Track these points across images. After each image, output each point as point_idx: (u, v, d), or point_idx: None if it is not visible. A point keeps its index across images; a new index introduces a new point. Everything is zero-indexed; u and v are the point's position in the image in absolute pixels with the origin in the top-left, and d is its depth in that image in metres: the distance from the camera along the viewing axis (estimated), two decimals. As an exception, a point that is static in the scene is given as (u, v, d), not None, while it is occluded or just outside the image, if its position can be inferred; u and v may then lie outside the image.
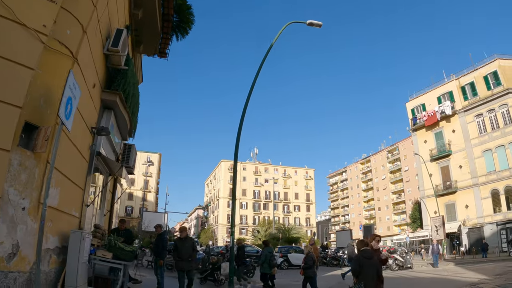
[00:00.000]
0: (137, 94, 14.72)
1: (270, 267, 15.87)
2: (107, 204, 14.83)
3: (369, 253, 8.48)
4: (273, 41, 19.61)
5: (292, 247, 38.73)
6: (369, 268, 8.26)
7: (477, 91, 52.21)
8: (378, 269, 8.52)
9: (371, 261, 8.35)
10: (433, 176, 53.26)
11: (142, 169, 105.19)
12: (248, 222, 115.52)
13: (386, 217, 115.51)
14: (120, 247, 10.01)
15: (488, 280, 17.75)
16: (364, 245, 8.78)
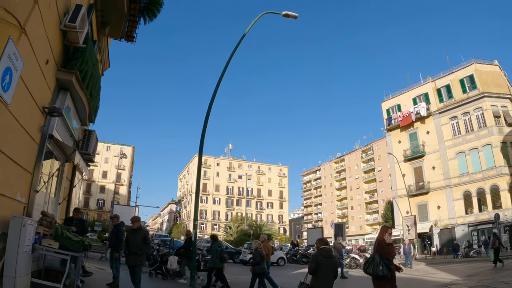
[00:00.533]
0: (98, 76, 13.98)
1: (221, 261, 15.42)
2: (63, 192, 13.91)
3: (328, 252, 8.32)
4: (246, 31, 19.01)
5: None
6: (326, 267, 8.11)
7: (452, 93, 52.79)
8: (336, 268, 8.43)
9: (329, 260, 8.21)
10: (406, 176, 53.67)
11: (114, 161, 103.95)
12: (221, 218, 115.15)
13: (358, 216, 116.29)
14: (68, 236, 9.35)
15: (460, 281, 17.68)
16: (324, 243, 8.58)
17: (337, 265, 8.59)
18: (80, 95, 11.41)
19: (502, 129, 47.44)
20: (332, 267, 8.20)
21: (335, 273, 8.26)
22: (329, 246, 8.56)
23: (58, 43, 9.78)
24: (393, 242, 8.56)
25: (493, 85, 49.96)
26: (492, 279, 16.52)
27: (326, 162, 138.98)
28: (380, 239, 8.71)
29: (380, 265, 8.23)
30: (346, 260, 27.87)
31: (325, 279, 8.05)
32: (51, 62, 9.33)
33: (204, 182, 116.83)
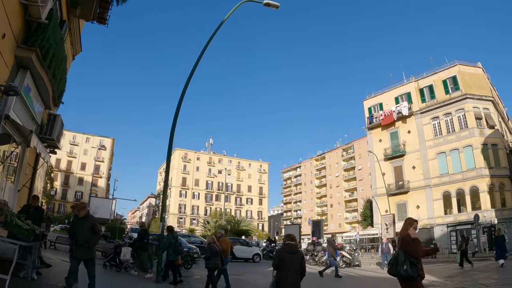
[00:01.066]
0: (63, 57, 13.11)
1: (175, 253, 14.92)
2: (23, 179, 13.07)
3: (292, 248, 8.04)
4: (224, 19, 18.11)
5: (238, 239, 37.55)
6: (290, 262, 7.85)
7: (435, 94, 52.84)
8: (301, 265, 7.97)
9: (293, 256, 7.92)
10: (386, 175, 53.49)
11: (93, 153, 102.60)
12: (200, 213, 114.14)
13: (338, 214, 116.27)
14: (17, 224, 8.66)
15: (439, 282, 17.30)
16: (290, 239, 8.29)
17: (303, 261, 8.01)
18: (41, 74, 10.67)
19: (483, 131, 47.63)
20: (296, 263, 7.88)
21: (301, 269, 7.89)
22: (295, 242, 8.22)
23: (18, 18, 9.13)
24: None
25: (476, 87, 50.11)
26: (472, 281, 16.15)
27: (306, 159, 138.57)
28: (404, 234, 7.62)
29: (404, 264, 7.17)
30: (323, 258, 27.41)
31: (289, 275, 7.81)
32: (9, 37, 8.61)
33: (183, 176, 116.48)
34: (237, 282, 16.80)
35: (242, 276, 19.40)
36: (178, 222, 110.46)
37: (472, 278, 17.46)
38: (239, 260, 30.36)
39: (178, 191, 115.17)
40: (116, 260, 17.23)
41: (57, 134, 14.55)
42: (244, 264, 28.21)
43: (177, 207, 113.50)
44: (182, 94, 16.96)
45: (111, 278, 15.25)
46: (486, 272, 20.05)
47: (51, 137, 13.87)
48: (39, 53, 9.88)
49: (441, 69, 53.49)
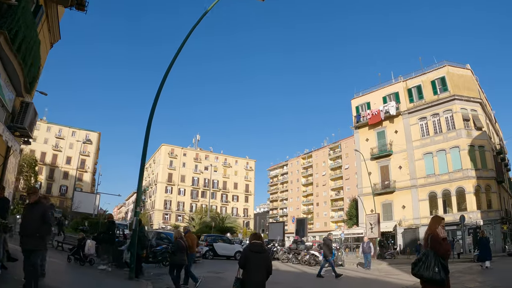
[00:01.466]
0: (35, 41, 12.46)
1: (141, 247, 14.66)
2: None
3: (258, 247, 7.92)
4: (208, 9, 17.36)
5: (220, 236, 36.66)
6: (256, 261, 7.74)
7: (423, 94, 52.78)
8: (267, 264, 7.90)
9: (258, 255, 7.81)
10: (372, 174, 53.34)
11: (79, 147, 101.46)
12: (185, 209, 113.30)
13: (323, 213, 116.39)
14: None
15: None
16: (256, 238, 8.22)
17: (269, 260, 7.97)
18: (10, 58, 10.04)
19: (470, 132, 47.70)
20: (263, 262, 7.80)
21: (267, 267, 7.80)
22: (260, 241, 8.12)
23: (-16, -1, 8.33)
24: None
25: (464, 89, 50.17)
26: (459, 284, 15.79)
27: (293, 157, 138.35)
28: (433, 233, 6.94)
29: (436, 266, 6.49)
30: (306, 257, 27.01)
31: (255, 274, 7.70)
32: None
33: (169, 172, 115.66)
34: (215, 280, 16.34)
35: (222, 274, 18.85)
36: (164, 218, 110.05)
37: (460, 280, 17.09)
38: (221, 257, 29.80)
39: (164, 187, 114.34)
40: (80, 253, 16.59)
41: (29, 123, 13.88)
42: (225, 262, 27.63)
43: (162, 203, 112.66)
44: (160, 87, 16.44)
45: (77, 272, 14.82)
46: (470, 275, 19.77)
47: (22, 125, 13.20)
48: (7, 36, 9.32)
49: (430, 70, 53.43)
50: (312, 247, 29.70)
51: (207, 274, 17.96)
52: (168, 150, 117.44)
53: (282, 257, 29.75)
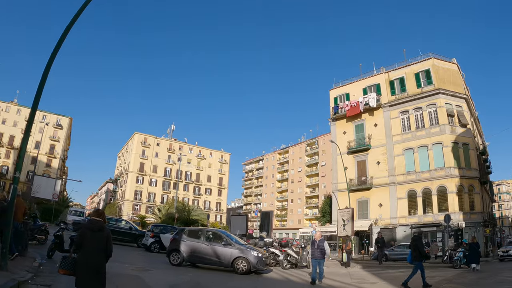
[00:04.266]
0: None
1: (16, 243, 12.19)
2: None
3: (98, 225, 7.11)
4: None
5: (169, 226, 32.41)
6: (93, 242, 6.91)
7: (406, 87, 49.97)
8: (106, 245, 7.09)
9: (97, 234, 7.01)
10: (349, 169, 49.90)
11: (49, 131, 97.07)
12: (156, 200, 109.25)
13: (298, 210, 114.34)
14: None
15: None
16: (97, 215, 7.35)
17: (108, 241, 7.12)
18: None
19: (455, 128, 45.17)
20: (99, 243, 6.99)
21: (106, 250, 7.07)
22: (101, 219, 7.22)
23: None
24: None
25: (450, 83, 47.56)
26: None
27: (270, 152, 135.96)
28: None
29: None
30: (280, 257, 23.31)
31: (91, 255, 6.88)
32: None
33: (141, 161, 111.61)
34: (130, 279, 12.52)
35: (148, 272, 15.01)
36: (134, 209, 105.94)
37: None
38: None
39: (135, 176, 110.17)
40: None
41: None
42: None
43: (133, 193, 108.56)
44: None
45: None
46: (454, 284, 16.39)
47: None
48: None
49: (414, 62, 50.56)
50: (272, 244, 25.93)
51: (131, 271, 14.20)
52: (141, 139, 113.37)
53: None
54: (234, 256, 18.16)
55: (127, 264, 16.13)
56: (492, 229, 45.58)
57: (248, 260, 17.80)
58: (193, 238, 19.47)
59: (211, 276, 16.10)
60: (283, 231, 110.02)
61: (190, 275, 15.08)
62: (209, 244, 18.80)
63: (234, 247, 18.46)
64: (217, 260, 18.42)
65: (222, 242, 18.83)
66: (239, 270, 17.72)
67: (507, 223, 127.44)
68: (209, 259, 18.59)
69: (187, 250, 18.99)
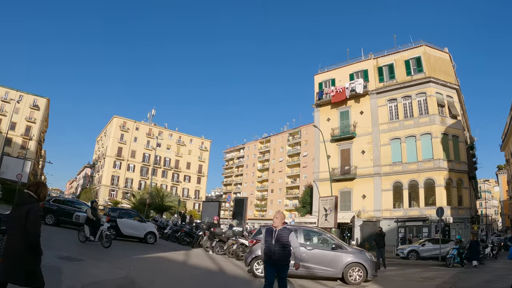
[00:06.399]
0: None
1: None
2: None
3: (20, 198, 5.83)
4: None
5: (127, 210, 28.50)
6: (13, 220, 5.59)
7: (395, 74, 47.86)
8: (26, 222, 5.41)
9: (17, 210, 5.63)
10: (331, 158, 46.94)
11: (26, 112, 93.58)
12: (134, 186, 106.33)
13: (278, 200, 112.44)
14: None
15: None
16: (29, 186, 5.85)
17: (29, 218, 5.42)
18: None
19: (445, 119, 43.31)
20: (18, 221, 5.49)
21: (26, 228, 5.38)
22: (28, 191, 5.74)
23: None
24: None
25: (441, 73, 45.66)
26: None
27: (251, 141, 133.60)
28: None
29: None
30: (233, 247, 20.38)
31: (9, 237, 5.61)
32: None
33: (120, 146, 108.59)
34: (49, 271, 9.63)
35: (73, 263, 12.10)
36: (110, 194, 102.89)
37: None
38: (127, 238, 22.71)
39: (112, 161, 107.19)
40: None
41: None
42: (124, 245, 20.53)
43: (109, 179, 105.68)
44: None
45: None
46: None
47: None
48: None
49: (405, 48, 48.33)
50: (242, 234, 23.10)
51: (53, 260, 11.21)
52: (120, 123, 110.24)
53: (205, 245, 22.73)
54: (346, 262, 14.36)
55: (59, 251, 13.21)
56: (478, 226, 43.65)
57: (364, 266, 14.31)
58: None
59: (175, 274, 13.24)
60: (262, 221, 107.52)
61: (131, 269, 12.19)
62: (311, 248, 14.47)
63: (345, 250, 14.76)
64: (323, 269, 14.32)
65: (330, 245, 14.75)
66: (352, 280, 14.17)
67: (486, 221, 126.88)
68: (311, 268, 14.20)
69: None
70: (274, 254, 8.39)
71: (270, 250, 8.49)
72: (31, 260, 5.48)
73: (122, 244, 20.91)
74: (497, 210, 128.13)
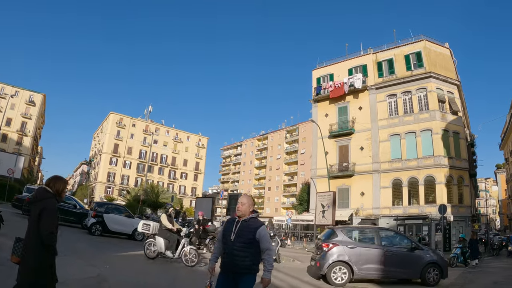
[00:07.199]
0: None
1: None
2: None
3: (36, 195, 5.16)
4: None
5: (116, 206, 26.81)
6: (29, 219, 5.03)
7: (395, 69, 47.05)
8: (38, 221, 4.88)
9: (32, 208, 5.06)
10: (330, 154, 46.29)
11: (21, 108, 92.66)
12: (130, 183, 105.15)
13: (275, 198, 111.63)
14: None
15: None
16: (47, 182, 5.32)
17: (42, 215, 4.89)
18: None
19: (445, 115, 42.44)
20: (32, 220, 4.97)
21: (40, 227, 4.83)
22: (45, 186, 5.26)
23: None
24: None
25: (442, 68, 44.86)
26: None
27: (248, 138, 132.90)
28: None
29: None
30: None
31: (26, 236, 4.98)
32: None
33: (116, 142, 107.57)
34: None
35: None
36: (106, 191, 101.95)
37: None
38: (112, 234, 21.91)
39: (108, 158, 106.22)
40: None
41: None
42: (109, 242, 19.41)
43: (106, 175, 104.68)
44: None
45: None
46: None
47: None
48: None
49: (405, 43, 47.56)
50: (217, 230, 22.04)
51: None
52: (117, 119, 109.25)
53: (195, 242, 21.45)
54: (425, 262, 13.82)
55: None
56: (479, 225, 42.86)
57: (440, 266, 13.87)
58: (360, 242, 14.24)
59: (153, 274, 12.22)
60: (260, 219, 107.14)
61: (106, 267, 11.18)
62: (389, 250, 13.81)
63: (423, 249, 14.29)
64: (400, 271, 13.83)
65: (408, 245, 14.28)
66: (430, 281, 13.60)
67: (484, 220, 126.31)
68: (390, 271, 13.69)
69: (357, 261, 13.42)
70: (233, 256, 5.42)
71: (227, 250, 5.53)
72: (44, 262, 4.93)
73: (108, 240, 19.88)
74: (495, 210, 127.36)
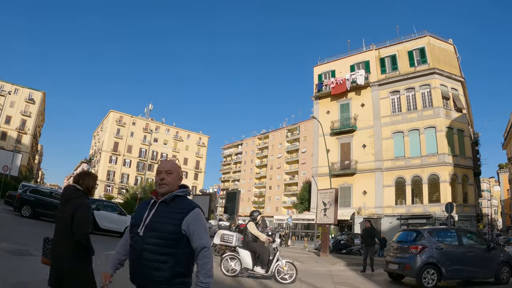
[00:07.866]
0: None
1: None
2: None
3: (65, 194, 4.78)
4: None
5: (109, 203, 26.46)
6: (58, 221, 4.61)
7: (398, 65, 46.22)
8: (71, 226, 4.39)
9: (62, 209, 4.56)
10: (331, 152, 44.95)
11: (21, 106, 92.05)
12: (130, 182, 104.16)
13: (276, 197, 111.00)
14: None
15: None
16: (76, 179, 4.88)
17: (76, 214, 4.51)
18: None
19: (449, 112, 41.60)
20: (63, 222, 4.47)
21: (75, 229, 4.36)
22: (74, 184, 4.77)
23: None
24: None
25: (445, 64, 43.90)
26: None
27: (249, 137, 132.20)
28: None
29: None
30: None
31: (54, 240, 4.57)
32: None
33: (116, 140, 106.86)
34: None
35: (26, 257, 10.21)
36: (106, 190, 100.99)
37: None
38: (104, 232, 21.02)
39: (108, 156, 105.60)
40: None
41: None
42: (100, 240, 18.18)
43: (105, 174, 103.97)
44: None
45: None
46: None
47: None
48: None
49: (408, 39, 46.59)
50: (229, 229, 21.13)
51: (3, 252, 9.77)
52: (117, 117, 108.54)
53: None
54: (500, 261, 13.63)
55: (14, 244, 11.49)
56: (484, 225, 42.00)
57: (510, 265, 13.68)
58: (445, 243, 13.62)
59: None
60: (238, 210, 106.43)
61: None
62: (471, 250, 13.53)
63: (497, 249, 14.06)
64: (480, 271, 13.51)
65: (484, 244, 14.11)
66: (503, 280, 13.44)
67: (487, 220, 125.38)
68: (471, 271, 13.36)
69: (444, 262, 12.81)
70: (141, 261, 3.14)
71: (134, 251, 3.23)
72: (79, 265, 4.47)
73: (100, 238, 18.88)
74: (497, 210, 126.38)
